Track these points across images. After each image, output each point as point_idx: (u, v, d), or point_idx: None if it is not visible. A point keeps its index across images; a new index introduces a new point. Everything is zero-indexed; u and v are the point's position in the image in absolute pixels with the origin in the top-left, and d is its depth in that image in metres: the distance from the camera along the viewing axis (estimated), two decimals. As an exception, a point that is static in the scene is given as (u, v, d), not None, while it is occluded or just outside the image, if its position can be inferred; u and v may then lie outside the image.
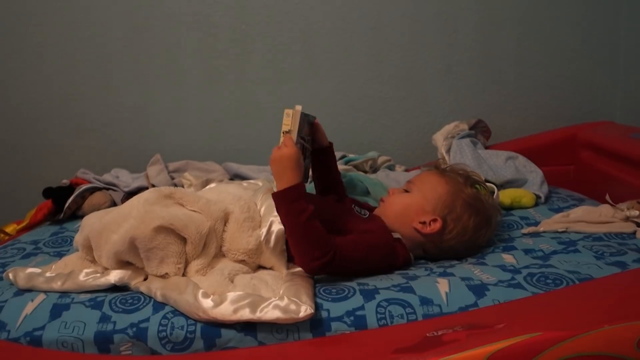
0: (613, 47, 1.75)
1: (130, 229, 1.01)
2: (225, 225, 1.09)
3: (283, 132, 1.11)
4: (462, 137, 1.58)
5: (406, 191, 1.16)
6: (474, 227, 1.10)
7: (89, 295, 1.00)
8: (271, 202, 1.14)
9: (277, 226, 1.08)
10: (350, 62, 1.82)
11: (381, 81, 1.83)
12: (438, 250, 1.12)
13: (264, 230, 1.08)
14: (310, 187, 1.29)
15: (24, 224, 1.57)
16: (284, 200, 1.01)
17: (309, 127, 1.19)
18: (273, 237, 1.07)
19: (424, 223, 1.10)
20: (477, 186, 1.15)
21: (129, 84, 1.85)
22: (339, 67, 1.82)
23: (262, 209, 1.13)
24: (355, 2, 1.76)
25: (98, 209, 1.52)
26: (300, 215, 0.99)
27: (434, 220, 1.10)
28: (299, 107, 1.13)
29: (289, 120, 1.11)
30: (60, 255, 1.26)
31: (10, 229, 1.60)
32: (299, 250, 1.00)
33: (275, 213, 1.10)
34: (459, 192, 1.11)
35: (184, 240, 1.04)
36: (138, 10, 1.78)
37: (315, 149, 1.23)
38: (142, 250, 1.01)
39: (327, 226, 1.01)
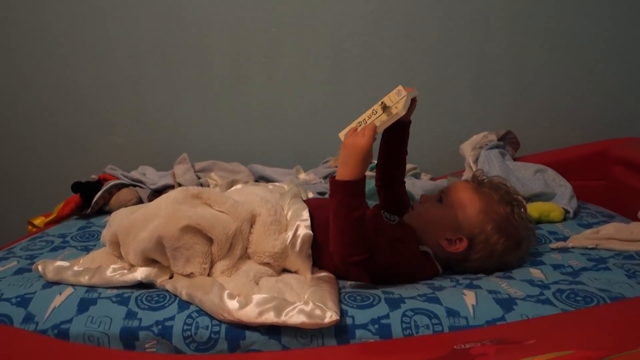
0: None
1: (158, 228, 1.02)
2: (251, 227, 1.09)
3: (381, 103, 1.03)
4: (491, 148, 1.56)
5: (439, 201, 1.13)
6: (502, 250, 1.07)
7: (115, 291, 1.01)
8: (298, 206, 1.14)
9: (304, 230, 1.08)
10: (379, 68, 1.81)
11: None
12: (462, 268, 1.10)
13: (290, 234, 1.08)
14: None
15: (51, 217, 1.60)
16: (342, 191, 0.98)
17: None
18: (299, 241, 1.07)
19: (449, 240, 1.08)
20: (514, 204, 1.10)
21: (159, 83, 1.87)
22: (368, 73, 1.82)
23: (289, 213, 1.13)
24: (387, 9, 1.76)
25: (125, 206, 1.54)
26: (354, 211, 0.97)
27: (460, 239, 1.07)
28: (414, 92, 1.03)
29: (396, 99, 1.02)
30: (87, 249, 1.27)
31: (39, 221, 1.62)
32: (340, 242, 0.99)
33: (303, 217, 1.11)
34: (492, 212, 1.07)
35: (210, 240, 1.04)
36: (170, 11, 1.81)
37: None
38: (169, 249, 1.02)
39: None
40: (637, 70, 1.72)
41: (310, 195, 1.51)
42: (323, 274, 1.08)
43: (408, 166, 1.70)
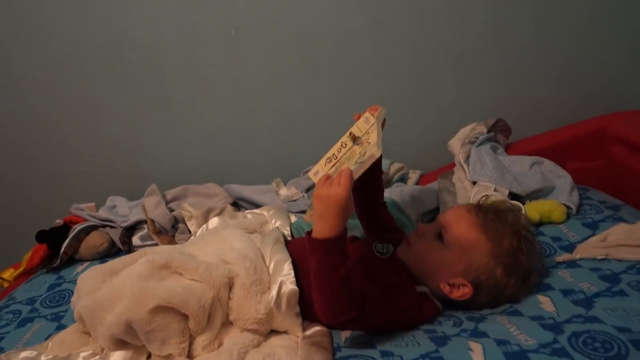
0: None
1: (124, 312, 0.91)
2: (230, 290, 0.99)
3: (350, 134, 0.96)
4: (481, 143, 1.45)
5: (439, 237, 1.01)
6: (512, 291, 0.98)
7: (88, 384, 0.92)
8: (280, 257, 1.04)
9: (288, 287, 0.99)
10: (351, 61, 1.66)
11: (387, 79, 1.67)
12: (464, 307, 1.01)
13: (273, 294, 0.98)
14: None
15: (21, 270, 1.50)
16: (321, 250, 0.89)
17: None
18: (284, 300, 0.98)
19: (452, 285, 0.98)
20: (523, 234, 1.00)
21: (117, 104, 1.72)
22: (340, 68, 1.67)
23: (271, 266, 1.03)
24: (355, -2, 1.60)
25: (96, 251, 1.45)
26: (336, 271, 0.88)
27: (464, 285, 0.98)
28: (382, 111, 0.97)
29: (365, 128, 0.94)
30: (58, 318, 1.18)
31: (8, 274, 1.52)
32: (324, 304, 0.92)
33: (285, 272, 1.01)
34: (501, 255, 0.96)
35: (186, 316, 0.94)
36: (119, 26, 1.63)
37: None
38: (141, 333, 0.92)
39: None
40: (631, 34, 1.58)
41: (293, 218, 1.40)
42: (315, 329, 0.99)
43: (395, 167, 1.60)
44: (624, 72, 1.60)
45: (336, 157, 0.98)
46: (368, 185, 1.12)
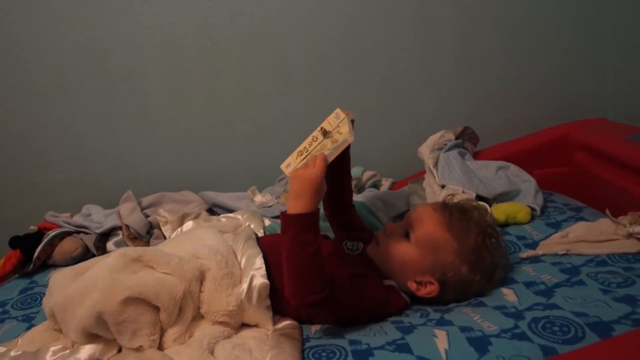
0: (601, 40, 1.66)
1: (96, 303, 0.92)
2: (201, 284, 1.00)
3: (321, 129, 1.00)
4: (450, 149, 1.49)
5: (406, 235, 1.04)
6: (478, 287, 1.01)
7: (58, 378, 0.92)
8: (251, 252, 1.06)
9: (259, 280, 1.00)
10: (325, 72, 1.71)
11: (360, 90, 1.73)
12: (432, 302, 1.04)
13: (244, 287, 1.00)
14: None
15: (-7, 277, 1.48)
16: (294, 226, 0.92)
17: None
18: (255, 293, 0.99)
19: (419, 283, 1.01)
20: (488, 231, 1.03)
21: (92, 112, 1.74)
22: (314, 79, 1.72)
23: (243, 261, 1.05)
24: (327, 10, 1.66)
25: (69, 257, 1.44)
26: (307, 247, 0.91)
27: (431, 283, 1.00)
28: (352, 113, 1.02)
29: (335, 122, 0.99)
30: (29, 319, 1.17)
31: (-21, 282, 1.50)
32: (295, 284, 0.93)
33: (257, 265, 1.03)
34: (466, 252, 0.99)
35: (157, 308, 0.95)
36: (95, 34, 1.66)
37: None
38: (112, 325, 0.92)
39: None
40: (593, 47, 1.66)
41: (267, 222, 1.43)
42: (286, 323, 1.01)
43: (368, 174, 1.64)
44: (585, 83, 1.68)
45: (307, 151, 1.02)
46: (337, 187, 1.16)
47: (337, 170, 1.12)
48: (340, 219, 1.20)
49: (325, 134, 1.01)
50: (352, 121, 1.10)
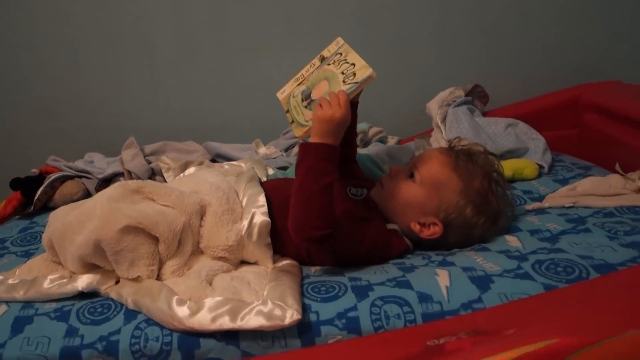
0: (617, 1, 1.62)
1: (94, 231, 0.91)
2: (202, 219, 0.99)
3: (320, 56, 1.00)
4: (459, 105, 1.47)
5: (410, 176, 1.02)
6: (481, 231, 0.99)
7: (54, 305, 0.91)
8: (254, 191, 1.05)
9: (260, 217, 0.99)
10: (335, 26, 1.68)
11: (369, 46, 1.68)
12: (434, 247, 1.02)
13: (245, 223, 0.98)
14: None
15: (-7, 218, 1.48)
16: (314, 155, 0.90)
17: None
18: (255, 230, 0.98)
19: (422, 224, 0.99)
20: (494, 175, 1.01)
21: (99, 62, 1.72)
22: (323, 33, 1.67)
23: (245, 200, 1.03)
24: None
25: (70, 200, 1.43)
26: (323, 176, 0.89)
27: (434, 224, 0.98)
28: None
29: (334, 49, 0.98)
30: (28, 255, 1.16)
31: (-20, 223, 1.50)
32: (301, 215, 0.90)
33: (259, 203, 1.01)
34: (471, 193, 0.97)
35: (156, 239, 0.94)
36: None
37: None
38: (110, 253, 0.92)
39: None
40: (608, 9, 1.62)
41: (271, 171, 1.41)
42: (285, 262, 1.00)
43: (374, 129, 1.62)
44: (598, 46, 1.64)
45: (304, 77, 1.01)
46: (342, 142, 1.13)
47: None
48: (343, 173, 1.18)
49: (323, 60, 0.99)
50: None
